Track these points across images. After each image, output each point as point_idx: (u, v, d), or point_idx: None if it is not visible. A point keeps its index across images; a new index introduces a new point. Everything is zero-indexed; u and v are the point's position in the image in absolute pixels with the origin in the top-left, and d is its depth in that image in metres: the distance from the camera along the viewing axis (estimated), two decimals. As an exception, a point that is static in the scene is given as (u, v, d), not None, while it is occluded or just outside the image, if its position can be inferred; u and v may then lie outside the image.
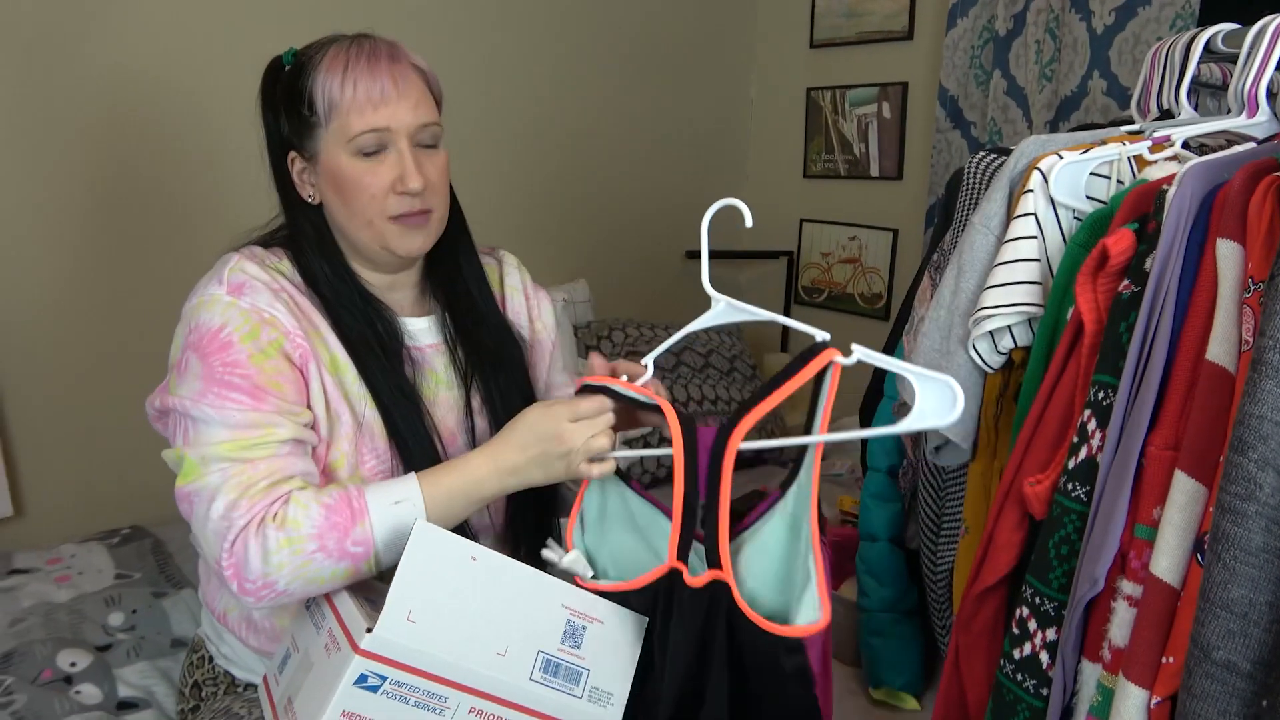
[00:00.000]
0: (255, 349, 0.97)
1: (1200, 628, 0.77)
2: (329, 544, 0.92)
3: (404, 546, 0.91)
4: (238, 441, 0.95)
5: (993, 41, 2.28)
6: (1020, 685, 0.96)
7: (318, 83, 1.01)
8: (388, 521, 0.94)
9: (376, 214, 1.03)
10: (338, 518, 0.93)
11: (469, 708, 0.88)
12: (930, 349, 1.15)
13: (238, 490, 0.94)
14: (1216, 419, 0.82)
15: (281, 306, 1.01)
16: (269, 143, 1.08)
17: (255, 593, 0.93)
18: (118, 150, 1.91)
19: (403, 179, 1.02)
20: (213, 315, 0.98)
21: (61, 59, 1.82)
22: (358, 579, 0.96)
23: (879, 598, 1.40)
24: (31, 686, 1.32)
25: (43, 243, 1.86)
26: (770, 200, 3.05)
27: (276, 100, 1.06)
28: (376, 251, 1.07)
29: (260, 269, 1.03)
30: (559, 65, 2.57)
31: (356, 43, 1.04)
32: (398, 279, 1.14)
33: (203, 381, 0.96)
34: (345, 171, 1.02)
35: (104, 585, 1.61)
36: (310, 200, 1.07)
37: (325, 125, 1.02)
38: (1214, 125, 1.03)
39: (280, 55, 1.07)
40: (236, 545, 0.92)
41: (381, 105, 1.01)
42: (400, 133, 1.02)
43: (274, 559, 0.91)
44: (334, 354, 1.05)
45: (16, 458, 1.88)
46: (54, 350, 1.89)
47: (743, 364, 2.55)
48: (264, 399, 0.97)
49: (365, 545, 0.94)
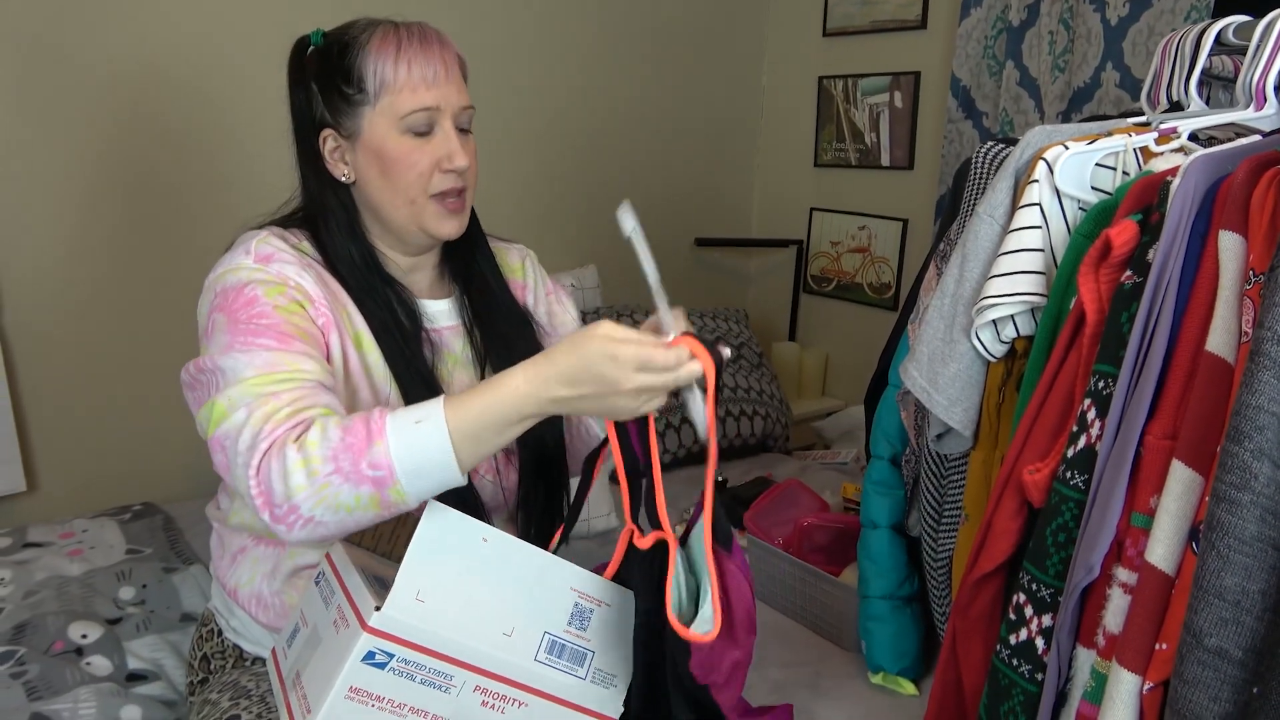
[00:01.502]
0: (281, 302, 0.99)
1: (1193, 615, 0.78)
2: (344, 465, 0.87)
3: (430, 472, 0.88)
4: (265, 377, 0.94)
5: (1006, 32, 2.27)
6: (1016, 670, 0.97)
7: (368, 61, 1.03)
8: (405, 441, 0.88)
9: (419, 192, 1.06)
10: (353, 439, 0.88)
11: (474, 686, 0.89)
12: (934, 337, 1.15)
13: (262, 419, 0.91)
14: (1215, 409, 0.82)
15: (310, 277, 1.03)
16: (297, 121, 1.09)
17: (284, 519, 0.89)
18: (131, 134, 1.93)
19: (450, 157, 1.06)
20: (238, 278, 1.00)
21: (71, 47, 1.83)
22: (392, 509, 0.90)
23: (879, 584, 1.41)
24: (43, 657, 1.34)
25: (55, 224, 1.87)
26: (780, 189, 3.05)
27: (308, 78, 1.07)
28: (411, 231, 1.09)
29: (284, 245, 1.05)
30: (571, 52, 2.58)
31: (406, 25, 1.06)
32: (420, 260, 1.16)
33: (229, 334, 0.96)
34: (392, 149, 1.04)
35: (115, 560, 1.64)
36: (344, 179, 1.09)
37: (373, 103, 1.03)
38: (1221, 118, 1.03)
39: (307, 35, 1.09)
40: (261, 470, 0.89)
41: (434, 85, 1.04)
42: (447, 113, 1.06)
43: (293, 480, 0.87)
44: (359, 331, 1.07)
45: (30, 434, 1.90)
46: (66, 328, 1.92)
47: (749, 352, 2.56)
48: (290, 342, 0.97)
49: (384, 468, 0.87)
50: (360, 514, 0.90)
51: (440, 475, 0.89)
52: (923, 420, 1.33)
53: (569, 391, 0.87)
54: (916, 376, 1.16)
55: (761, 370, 2.55)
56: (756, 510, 1.68)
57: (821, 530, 1.61)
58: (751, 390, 2.45)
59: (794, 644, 1.53)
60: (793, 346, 2.96)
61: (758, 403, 2.44)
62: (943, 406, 1.14)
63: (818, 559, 1.58)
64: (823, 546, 1.61)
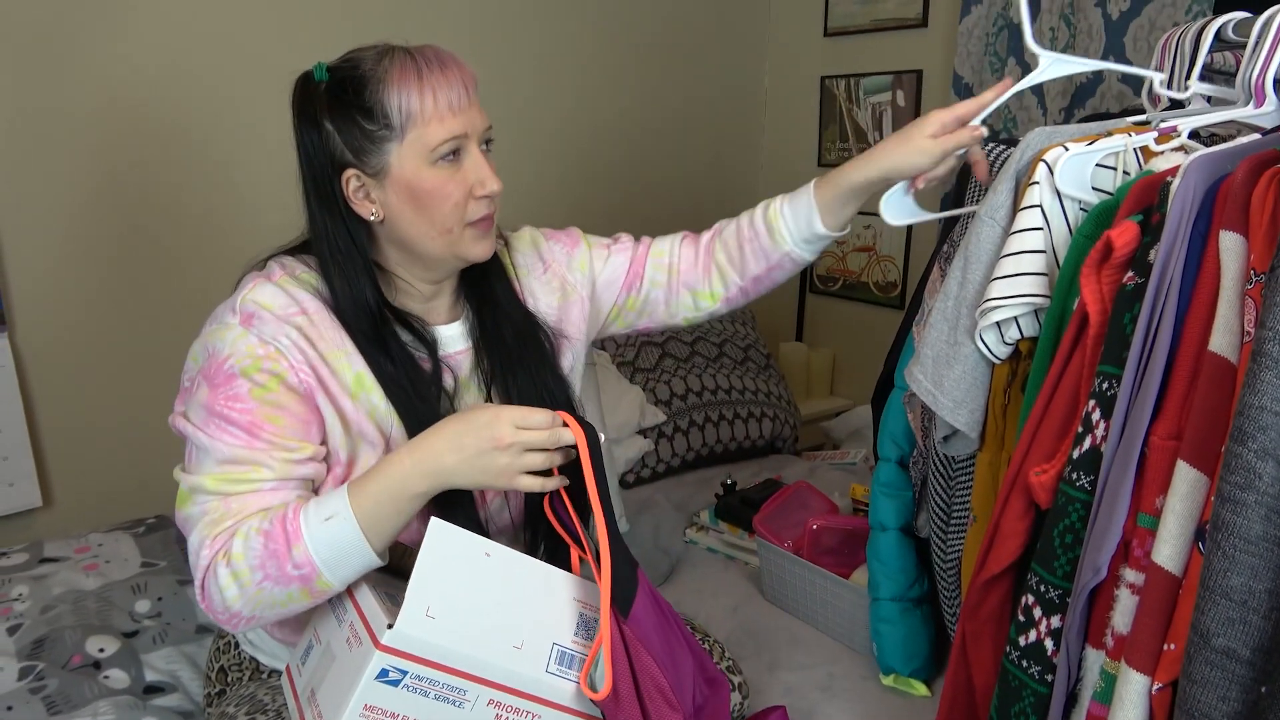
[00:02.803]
0: (255, 384, 0.98)
1: (1200, 615, 0.78)
2: (270, 571, 0.94)
3: (347, 560, 0.94)
4: (223, 475, 0.98)
5: (1007, 29, 2.27)
6: (1025, 671, 0.97)
7: (390, 94, 0.98)
8: (321, 538, 0.94)
9: (457, 221, 1.03)
10: (275, 545, 0.94)
11: (487, 700, 0.90)
12: (938, 340, 1.16)
13: (208, 527, 0.97)
14: (1218, 409, 0.82)
15: (292, 334, 1.00)
16: (309, 162, 1.02)
17: (229, 623, 0.98)
18: (140, 151, 1.94)
19: (482, 183, 1.03)
20: (222, 344, 0.99)
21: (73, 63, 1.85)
22: (322, 596, 0.97)
23: (888, 587, 1.41)
24: (62, 672, 1.35)
25: (67, 243, 1.89)
26: (785, 189, 3.03)
27: (320, 117, 1.00)
28: (446, 260, 1.07)
29: (276, 292, 1.02)
30: (572, 56, 2.58)
31: (419, 52, 1.01)
32: (442, 286, 1.14)
33: (205, 411, 0.99)
34: (426, 181, 1.00)
35: (130, 573, 1.65)
36: (373, 218, 1.03)
37: (400, 137, 0.99)
38: (1220, 116, 1.03)
39: (309, 70, 1.03)
40: (205, 589, 0.97)
41: (459, 111, 1.01)
42: (473, 137, 1.03)
43: (228, 594, 0.95)
44: (359, 373, 1.04)
45: (45, 451, 1.92)
46: (79, 346, 1.93)
47: (757, 353, 2.56)
48: (258, 434, 0.98)
49: (306, 565, 0.94)
50: (295, 604, 0.97)
51: (358, 560, 0.96)
52: (929, 422, 1.33)
53: (454, 457, 0.94)
54: (921, 379, 1.17)
55: (769, 371, 2.55)
56: (766, 513, 1.68)
57: (830, 532, 1.61)
58: (759, 391, 2.45)
59: (805, 646, 1.53)
60: (800, 346, 2.96)
61: (765, 404, 2.44)
62: (948, 409, 1.14)
63: (827, 561, 1.58)
64: (832, 549, 1.61)
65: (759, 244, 1.29)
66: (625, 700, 0.93)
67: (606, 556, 0.94)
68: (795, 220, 1.28)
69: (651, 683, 0.94)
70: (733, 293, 1.34)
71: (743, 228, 1.31)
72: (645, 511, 1.99)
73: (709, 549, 1.89)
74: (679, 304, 1.34)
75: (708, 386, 2.37)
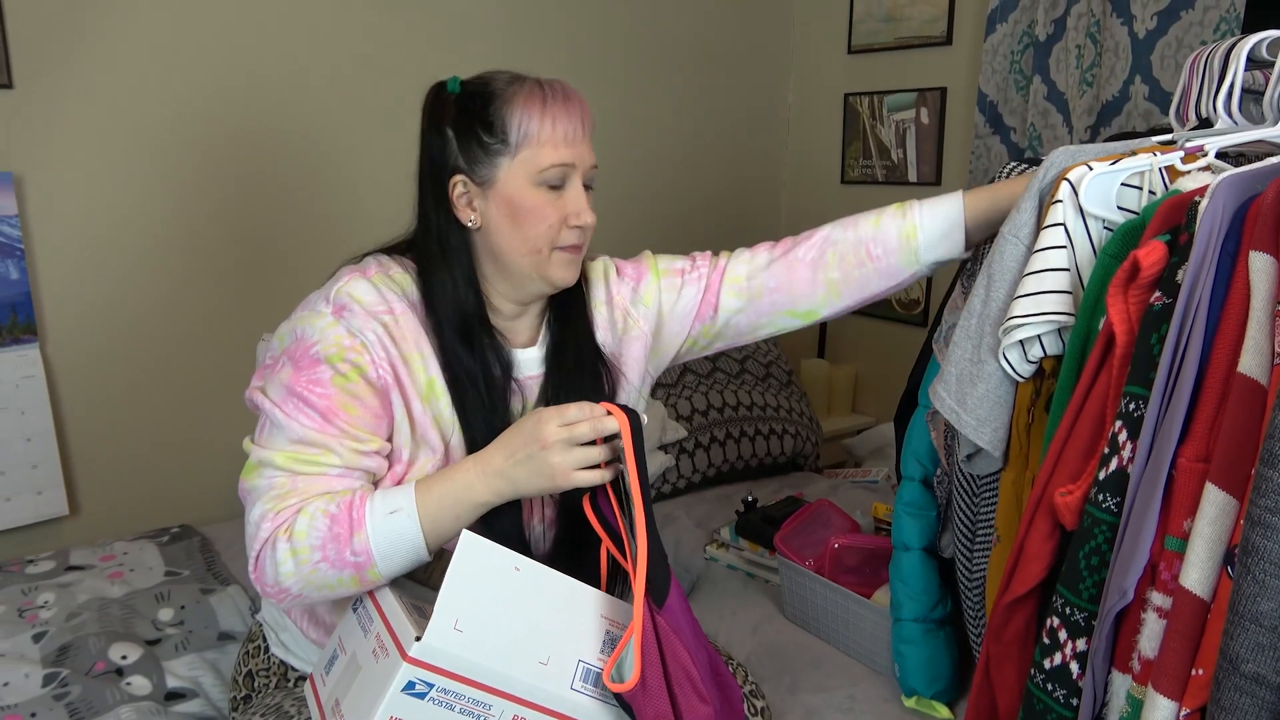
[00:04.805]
0: (338, 372, 1.03)
1: (1229, 640, 0.77)
2: (330, 554, 0.99)
3: (401, 554, 0.97)
4: (294, 455, 1.02)
5: (1033, 46, 2.27)
6: (1050, 695, 0.96)
7: (514, 114, 1.06)
8: (383, 531, 0.99)
9: (546, 243, 1.09)
10: (339, 529, 0.98)
11: (512, 715, 0.90)
12: (962, 358, 1.15)
13: (272, 501, 1.01)
14: (1248, 431, 0.81)
15: (378, 330, 1.05)
16: (430, 163, 1.10)
17: (275, 596, 1.02)
18: (172, 162, 1.97)
19: (578, 214, 1.10)
20: (312, 330, 1.04)
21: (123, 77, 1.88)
22: (367, 585, 1.02)
23: (911, 608, 1.40)
24: (85, 678, 1.37)
25: (96, 253, 1.92)
26: (807, 206, 3.06)
27: (445, 123, 1.08)
28: (531, 279, 1.12)
29: (369, 288, 1.07)
30: (598, 72, 2.60)
31: (550, 83, 1.09)
32: (530, 307, 1.18)
33: (285, 390, 1.03)
34: (526, 200, 1.07)
35: (154, 582, 1.67)
36: (471, 224, 1.10)
37: (513, 154, 1.06)
38: (1247, 135, 1.02)
39: (444, 81, 1.10)
40: (261, 557, 1.00)
41: (574, 143, 1.08)
42: (579, 170, 1.10)
43: (283, 568, 0.99)
44: (431, 378, 1.08)
45: (73, 460, 1.95)
46: (107, 357, 1.96)
47: (779, 370, 2.55)
48: (333, 420, 1.02)
49: (365, 555, 0.99)
50: (341, 590, 1.02)
51: (411, 556, 1.00)
52: (952, 440, 1.32)
53: (509, 461, 1.00)
54: (945, 397, 1.16)
55: (791, 388, 2.54)
56: (787, 531, 1.67)
57: (852, 551, 1.60)
58: (781, 408, 2.45)
59: (827, 667, 1.52)
60: (822, 364, 2.95)
61: (787, 421, 2.43)
62: (971, 427, 1.13)
63: (849, 580, 1.57)
64: (854, 568, 1.60)
65: (888, 263, 1.24)
66: (654, 691, 0.92)
67: (644, 541, 0.94)
68: (937, 235, 1.22)
69: (683, 673, 0.94)
70: (838, 310, 1.29)
71: (867, 245, 1.24)
72: (666, 527, 1.98)
73: (729, 566, 1.88)
74: (768, 325, 1.30)
75: (729, 402, 2.36)
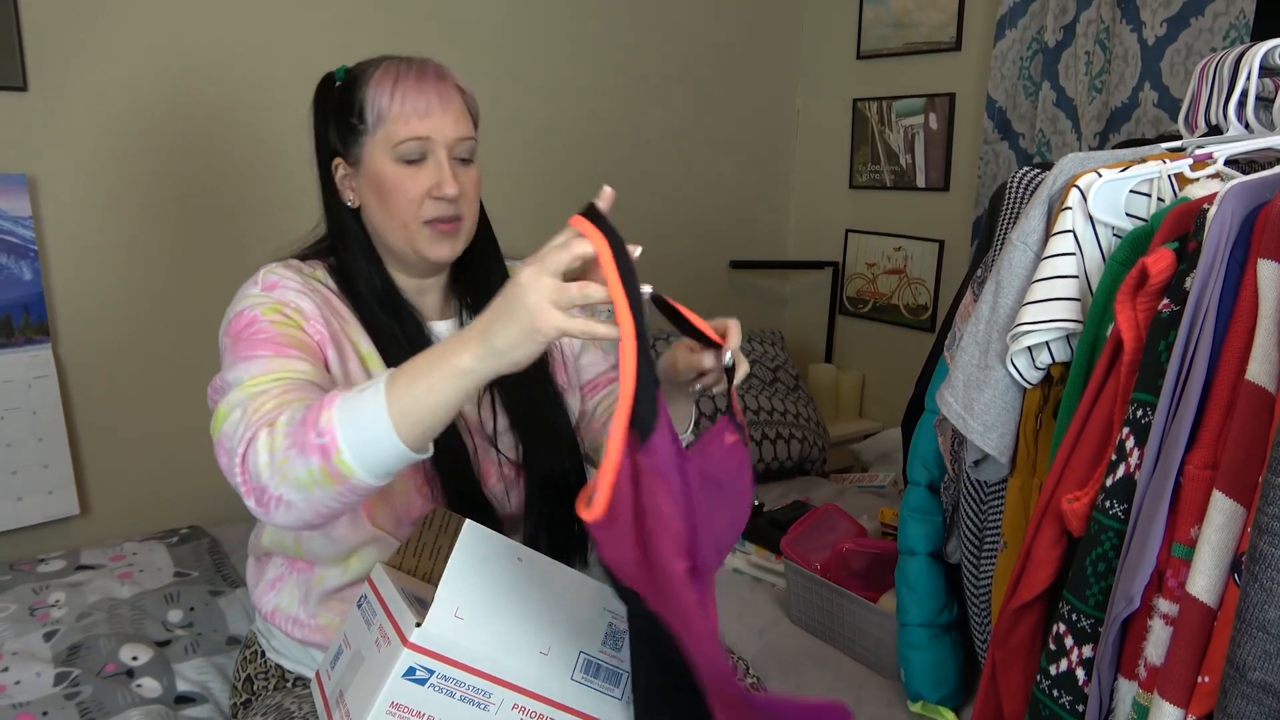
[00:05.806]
0: (277, 319, 1.05)
1: (1236, 648, 0.77)
2: (298, 438, 0.87)
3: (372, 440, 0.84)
4: (259, 379, 0.97)
5: (1042, 53, 2.27)
6: (1056, 701, 0.96)
7: (368, 94, 1.10)
8: (346, 406, 0.86)
9: (412, 217, 1.11)
10: (310, 414, 0.88)
11: (512, 704, 0.91)
12: (969, 364, 1.15)
13: (251, 413, 0.92)
14: (1256, 439, 0.81)
15: (310, 300, 1.09)
16: (317, 150, 1.16)
17: (263, 501, 0.89)
18: (184, 163, 1.99)
19: (439, 185, 1.11)
20: (242, 305, 1.07)
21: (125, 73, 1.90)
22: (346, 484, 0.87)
23: (917, 612, 1.40)
24: (96, 679, 1.38)
25: (108, 255, 1.94)
26: (816, 210, 3.06)
27: (327, 111, 1.15)
28: (408, 254, 1.15)
29: (293, 272, 1.12)
30: (607, 77, 2.61)
31: (407, 61, 1.13)
32: (427, 284, 1.22)
33: (233, 352, 1.03)
34: (387, 176, 1.11)
35: (164, 583, 1.68)
36: (350, 204, 1.16)
37: (372, 133, 1.10)
38: (1256, 143, 1.02)
39: (333, 71, 1.16)
40: (246, 458, 0.90)
41: (426, 117, 1.10)
42: (439, 143, 1.11)
43: (260, 460, 0.88)
44: (366, 352, 1.13)
45: (84, 460, 1.96)
46: (118, 357, 1.97)
47: (786, 374, 2.56)
48: (285, 350, 1.02)
49: (327, 434, 0.85)
50: (320, 491, 0.87)
51: (385, 443, 0.86)
52: (960, 446, 1.32)
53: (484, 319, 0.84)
54: (952, 403, 1.16)
55: (798, 393, 2.54)
56: (793, 535, 1.68)
57: (859, 555, 1.60)
58: (788, 413, 2.45)
59: (832, 670, 1.52)
60: (829, 368, 2.95)
61: (794, 425, 2.43)
62: (979, 433, 1.13)
63: (855, 584, 1.57)
64: (860, 572, 1.60)
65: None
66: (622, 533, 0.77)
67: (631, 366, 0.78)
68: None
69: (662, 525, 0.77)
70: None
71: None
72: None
73: (735, 570, 1.89)
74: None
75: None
